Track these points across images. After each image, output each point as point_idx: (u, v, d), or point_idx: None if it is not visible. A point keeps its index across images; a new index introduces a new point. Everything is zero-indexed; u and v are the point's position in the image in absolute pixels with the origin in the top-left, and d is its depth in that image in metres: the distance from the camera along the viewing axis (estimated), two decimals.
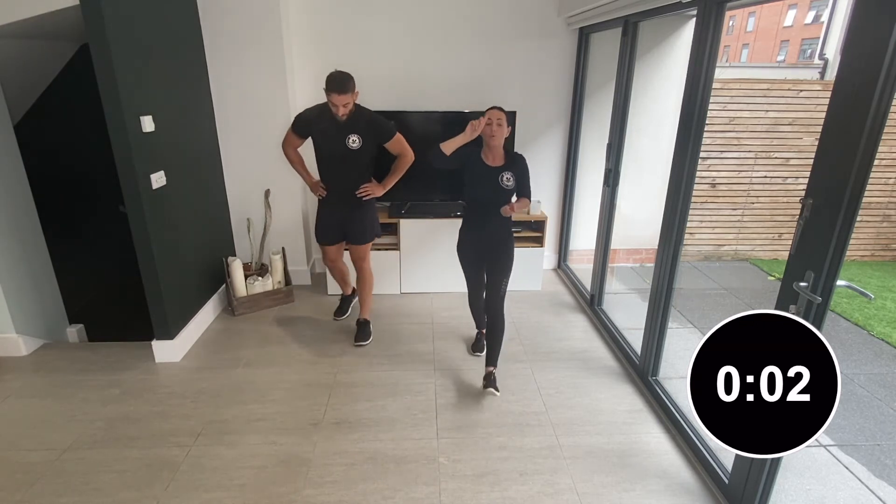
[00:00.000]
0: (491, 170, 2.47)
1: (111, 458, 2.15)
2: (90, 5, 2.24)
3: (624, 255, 4.56)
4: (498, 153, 2.49)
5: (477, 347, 2.99)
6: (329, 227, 2.95)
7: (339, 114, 2.56)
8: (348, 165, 2.75)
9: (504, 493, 1.99)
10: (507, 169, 2.48)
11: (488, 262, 2.62)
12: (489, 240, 2.58)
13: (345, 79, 2.51)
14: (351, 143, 2.67)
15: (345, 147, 2.67)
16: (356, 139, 2.66)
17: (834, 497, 2.15)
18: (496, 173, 2.46)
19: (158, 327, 2.82)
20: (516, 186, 2.50)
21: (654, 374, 2.59)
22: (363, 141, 2.68)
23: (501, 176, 2.46)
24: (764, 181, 5.10)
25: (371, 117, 2.71)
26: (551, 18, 3.62)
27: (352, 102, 2.57)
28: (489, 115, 2.42)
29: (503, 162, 2.50)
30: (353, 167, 2.77)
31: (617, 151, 3.08)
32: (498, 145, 2.47)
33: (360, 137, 2.67)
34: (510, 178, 2.47)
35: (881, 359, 3.48)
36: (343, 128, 2.64)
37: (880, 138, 1.31)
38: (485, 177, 2.47)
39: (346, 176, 2.79)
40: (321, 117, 2.67)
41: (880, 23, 1.24)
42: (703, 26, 2.06)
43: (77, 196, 4.21)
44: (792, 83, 4.91)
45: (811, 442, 1.29)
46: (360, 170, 2.80)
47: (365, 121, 2.68)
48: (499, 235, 2.58)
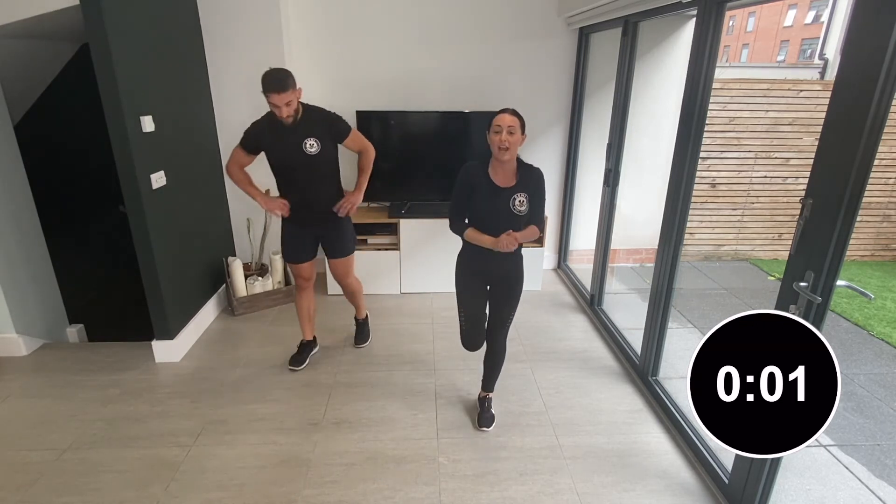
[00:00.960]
0: (501, 191, 2.00)
1: (111, 458, 2.15)
2: (90, 5, 2.25)
3: (624, 255, 4.56)
4: (510, 169, 2.01)
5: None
6: (301, 245, 2.64)
7: (283, 115, 2.26)
8: (312, 174, 2.44)
9: (504, 493, 1.99)
10: (520, 189, 2.01)
11: (494, 294, 2.22)
12: (497, 272, 2.16)
13: (282, 76, 2.21)
14: (308, 149, 2.36)
15: (302, 154, 2.36)
16: (313, 143, 2.36)
17: (834, 497, 2.15)
18: (507, 196, 2.00)
19: (158, 327, 2.82)
20: (529, 210, 2.03)
21: (654, 374, 2.59)
22: (321, 144, 2.38)
23: (513, 199, 1.99)
24: (764, 181, 5.10)
25: (323, 115, 2.44)
26: (551, 18, 3.62)
27: (295, 101, 2.27)
28: (498, 120, 1.92)
29: (515, 181, 2.01)
30: (318, 175, 2.46)
31: (617, 151, 3.08)
32: (510, 160, 1.97)
33: (318, 140, 2.37)
34: (524, 202, 2.00)
35: (881, 359, 3.48)
36: (296, 133, 2.35)
37: (880, 138, 1.31)
38: (493, 200, 2.01)
39: (310, 187, 2.47)
40: (270, 127, 2.38)
41: (880, 23, 1.24)
42: (703, 26, 2.06)
43: (77, 196, 4.21)
44: (792, 83, 4.91)
45: (811, 442, 1.29)
46: (325, 177, 2.50)
47: (318, 121, 2.41)
48: (508, 266, 2.14)
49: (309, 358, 2.88)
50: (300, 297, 2.79)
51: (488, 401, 2.41)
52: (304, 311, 2.83)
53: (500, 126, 1.91)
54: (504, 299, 2.21)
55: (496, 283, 2.20)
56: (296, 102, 2.29)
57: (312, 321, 2.90)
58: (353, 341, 3.06)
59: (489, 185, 2.01)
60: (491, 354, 2.33)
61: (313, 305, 2.87)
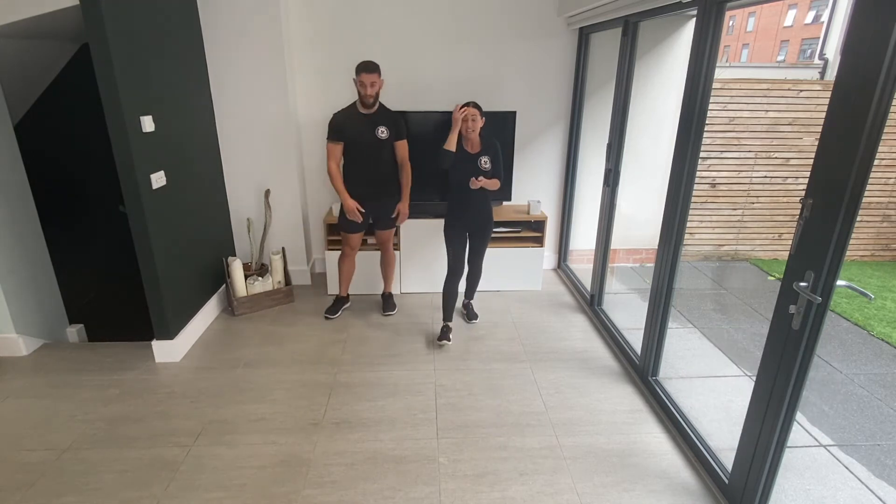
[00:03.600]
0: (470, 156, 2.89)
1: (111, 458, 2.15)
2: (90, 5, 2.24)
3: (624, 255, 4.56)
4: (475, 141, 2.90)
5: (444, 337, 3.05)
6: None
7: (367, 93, 2.83)
8: (378, 157, 3.03)
9: (504, 493, 1.99)
10: (484, 153, 2.90)
11: (473, 236, 3.07)
12: (476, 218, 3.00)
13: (373, 62, 2.85)
14: (380, 134, 2.97)
15: (375, 138, 2.97)
16: (384, 130, 2.98)
17: (834, 497, 2.15)
18: (475, 158, 2.89)
19: (158, 327, 2.82)
20: (492, 168, 2.90)
21: (654, 374, 2.59)
22: (389, 132, 3.00)
23: (480, 160, 2.89)
24: (764, 181, 5.09)
25: (394, 114, 3.05)
26: (551, 18, 3.62)
27: (378, 84, 2.86)
28: (464, 112, 2.80)
29: (480, 148, 2.90)
30: (382, 158, 3.05)
31: (617, 151, 3.08)
32: (475, 136, 2.87)
33: (387, 129, 2.99)
34: (487, 162, 2.89)
35: (881, 359, 3.48)
36: (372, 121, 2.96)
37: (880, 138, 1.31)
38: (466, 162, 2.87)
39: (376, 168, 3.06)
40: (349, 118, 2.96)
41: (880, 23, 1.24)
42: (703, 26, 2.06)
43: (77, 196, 4.21)
44: (792, 83, 4.91)
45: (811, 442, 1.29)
46: (388, 161, 3.08)
47: (389, 115, 3.03)
48: (484, 213, 3.01)
49: (341, 311, 3.45)
50: (343, 261, 3.36)
51: (471, 304, 3.40)
52: (344, 272, 3.40)
53: (467, 116, 2.82)
54: (480, 239, 3.08)
55: (475, 228, 3.04)
56: (379, 86, 2.87)
57: (349, 281, 3.46)
58: (382, 310, 3.48)
59: (463, 152, 2.90)
60: (472, 274, 3.23)
61: (353, 268, 3.43)
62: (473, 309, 3.37)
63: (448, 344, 3.03)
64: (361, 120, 2.94)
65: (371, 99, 2.87)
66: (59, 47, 3.43)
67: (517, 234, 3.72)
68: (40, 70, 3.48)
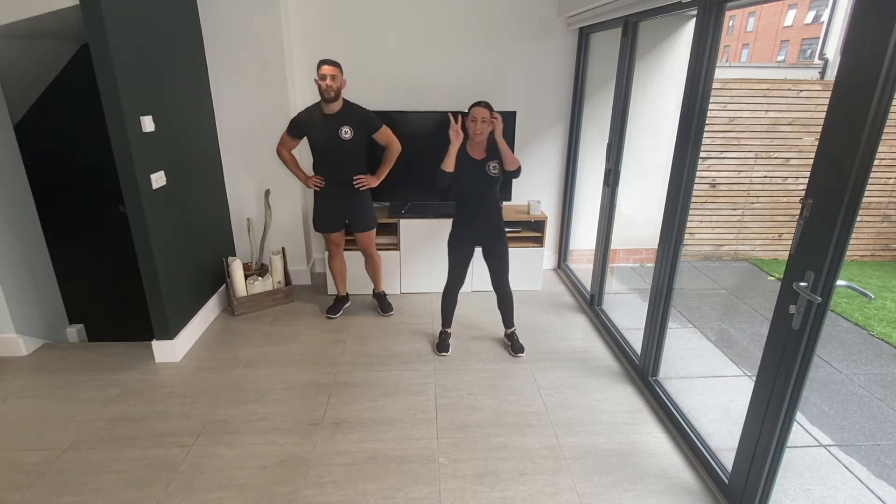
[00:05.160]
0: (476, 162, 2.63)
1: (111, 458, 2.15)
2: (90, 5, 2.24)
3: (624, 255, 4.56)
4: (482, 146, 2.63)
5: (443, 347, 2.96)
6: (329, 217, 3.14)
7: (327, 84, 2.73)
8: (343, 156, 2.96)
9: (504, 493, 1.99)
10: (492, 158, 2.63)
11: (486, 249, 2.83)
12: (484, 229, 2.76)
13: (333, 59, 2.81)
14: (343, 134, 2.89)
15: (338, 138, 2.89)
16: (348, 130, 2.89)
17: (834, 497, 2.15)
18: (482, 164, 2.63)
19: (158, 327, 2.82)
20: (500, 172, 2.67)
21: (654, 374, 2.59)
22: (354, 132, 2.91)
23: (487, 166, 2.63)
24: (764, 181, 5.09)
25: (359, 111, 2.95)
26: (551, 18, 3.62)
27: (339, 80, 2.79)
28: (473, 113, 2.53)
29: (485, 153, 2.64)
30: (347, 157, 2.97)
31: (617, 151, 3.08)
32: (483, 140, 2.60)
33: (351, 129, 2.90)
34: (496, 167, 2.63)
35: (881, 359, 3.48)
36: (335, 121, 2.87)
37: (880, 138, 1.31)
38: (472, 169, 2.63)
39: (341, 166, 3.00)
40: (312, 117, 2.91)
41: (880, 23, 1.24)
42: (703, 26, 2.06)
43: (77, 196, 4.21)
44: (792, 83, 4.91)
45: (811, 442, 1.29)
46: (354, 160, 3.00)
47: (354, 114, 2.92)
48: (493, 223, 2.76)
49: (342, 310, 3.44)
50: (332, 260, 3.36)
51: (515, 335, 3.02)
52: (336, 271, 3.39)
53: (476, 118, 2.52)
54: (495, 252, 2.80)
55: (485, 241, 2.79)
56: (339, 82, 2.79)
57: (345, 279, 3.45)
58: (380, 311, 3.46)
59: (467, 158, 2.63)
60: (503, 299, 2.94)
61: (344, 266, 3.42)
62: (518, 340, 2.98)
63: (447, 355, 2.93)
64: (324, 120, 2.87)
65: (332, 92, 2.75)
66: (59, 47, 3.43)
67: (517, 233, 3.72)
68: (40, 70, 3.48)
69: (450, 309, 2.97)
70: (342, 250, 3.33)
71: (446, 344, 2.98)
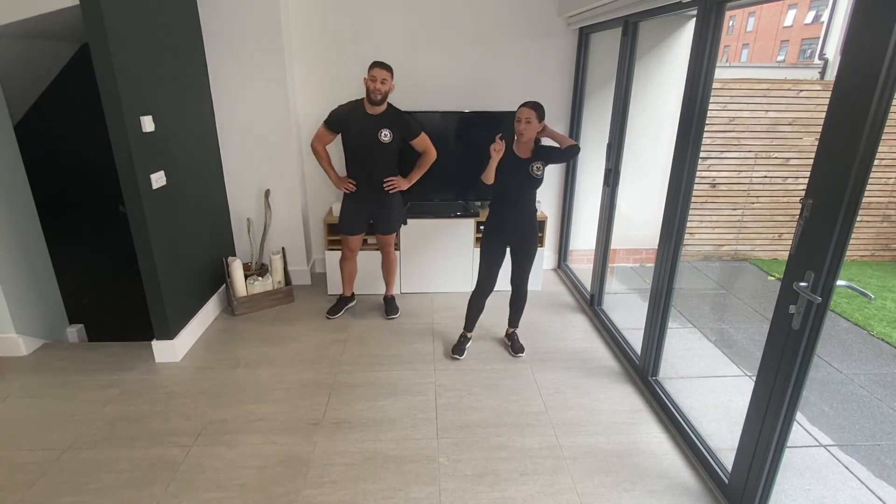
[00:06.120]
0: (521, 161, 2.62)
1: (111, 458, 2.15)
2: (90, 5, 2.24)
3: (624, 255, 4.56)
4: (528, 146, 2.63)
5: (458, 350, 2.93)
6: (357, 220, 3.13)
7: (376, 87, 2.73)
8: (378, 159, 2.95)
9: (504, 493, 1.99)
10: (537, 158, 2.63)
11: (515, 249, 2.79)
12: (518, 229, 2.73)
13: (386, 63, 2.80)
14: (383, 137, 2.87)
15: (377, 140, 2.87)
16: (387, 133, 2.87)
17: (834, 497, 2.15)
18: (526, 164, 2.62)
19: (158, 327, 2.82)
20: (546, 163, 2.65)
21: (654, 374, 2.59)
22: (393, 136, 2.89)
23: (532, 166, 2.62)
24: (764, 181, 5.09)
25: (401, 115, 2.94)
26: (551, 18, 3.62)
27: (388, 83, 2.78)
28: (519, 113, 2.55)
29: (531, 153, 2.64)
30: (383, 161, 2.97)
31: (617, 151, 3.08)
32: (529, 140, 2.60)
33: (391, 132, 2.88)
34: (540, 168, 2.62)
35: (881, 359, 3.48)
36: (376, 123, 2.86)
37: (880, 138, 1.31)
38: (516, 168, 2.62)
39: (375, 169, 2.98)
40: (354, 113, 2.87)
41: (880, 23, 1.24)
42: (703, 26, 2.06)
43: (77, 196, 4.22)
44: (792, 83, 4.90)
45: (811, 442, 1.29)
46: (388, 163, 3.00)
47: (395, 117, 2.91)
48: (529, 225, 2.74)
49: (344, 310, 3.44)
50: (345, 263, 3.34)
51: (516, 335, 3.03)
52: (347, 273, 3.38)
53: (520, 118, 2.54)
54: (524, 252, 2.77)
55: (517, 240, 2.75)
56: (388, 86, 2.79)
57: (353, 282, 3.45)
58: (385, 313, 3.43)
59: (513, 156, 2.62)
60: (517, 298, 2.92)
61: (355, 270, 3.42)
62: (518, 340, 3.01)
63: (460, 359, 2.90)
64: (366, 119, 2.85)
65: (378, 95, 2.75)
66: (59, 47, 3.43)
67: None
68: (40, 70, 3.49)
69: (475, 313, 2.93)
70: (356, 255, 3.32)
71: (462, 348, 2.94)
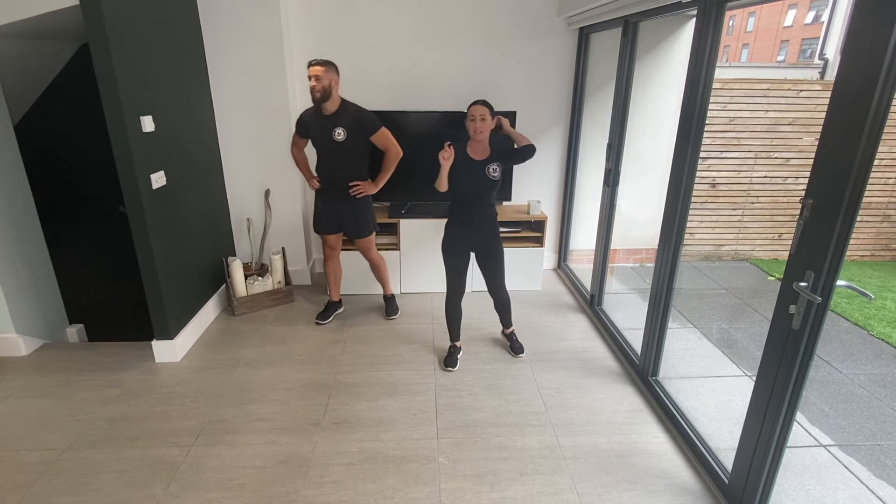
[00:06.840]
0: (476, 163, 2.50)
1: (111, 458, 2.15)
2: (90, 5, 2.24)
3: (624, 255, 4.56)
4: (484, 146, 2.52)
5: (451, 362, 2.80)
6: (325, 218, 3.10)
7: (311, 85, 2.68)
8: (337, 157, 2.90)
9: (504, 493, 1.99)
10: (494, 160, 2.50)
11: (481, 255, 2.71)
12: (478, 235, 2.64)
13: (324, 58, 2.74)
14: (336, 136, 2.81)
15: (331, 140, 2.82)
16: (341, 132, 2.81)
17: (834, 497, 2.15)
18: (482, 166, 2.49)
19: (158, 327, 2.82)
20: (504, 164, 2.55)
21: (654, 375, 2.59)
22: (348, 134, 2.82)
23: (488, 168, 2.49)
24: (764, 181, 5.09)
25: (356, 112, 2.85)
26: (551, 18, 3.62)
27: (325, 80, 2.69)
28: (471, 111, 2.45)
29: (488, 154, 2.52)
30: (342, 159, 2.90)
31: (617, 151, 3.08)
32: (484, 139, 2.49)
33: (345, 130, 2.81)
34: (496, 169, 2.50)
35: (881, 359, 3.48)
36: (329, 122, 2.81)
37: (880, 138, 1.31)
38: (470, 171, 2.50)
39: (336, 168, 2.94)
40: (315, 115, 2.86)
41: (880, 23, 1.24)
42: (703, 26, 2.06)
43: (77, 196, 4.22)
44: (792, 83, 4.91)
45: (811, 442, 1.29)
46: (349, 163, 2.93)
47: (350, 115, 2.83)
48: (487, 229, 2.64)
49: (333, 316, 3.37)
50: (327, 263, 3.29)
51: (513, 334, 3.00)
52: (330, 275, 3.33)
53: (474, 116, 2.43)
54: (490, 260, 2.69)
55: (480, 247, 2.67)
56: (325, 83, 2.70)
57: (338, 285, 3.39)
58: (385, 314, 3.41)
59: (466, 158, 2.50)
60: (500, 304, 2.87)
61: (339, 271, 3.36)
62: (518, 340, 2.96)
63: (453, 371, 2.78)
64: (321, 120, 2.83)
65: (317, 94, 2.68)
66: (59, 47, 3.43)
67: (517, 233, 3.72)
68: (40, 70, 3.49)
69: (455, 321, 2.83)
70: (338, 254, 3.27)
71: (454, 359, 2.83)
